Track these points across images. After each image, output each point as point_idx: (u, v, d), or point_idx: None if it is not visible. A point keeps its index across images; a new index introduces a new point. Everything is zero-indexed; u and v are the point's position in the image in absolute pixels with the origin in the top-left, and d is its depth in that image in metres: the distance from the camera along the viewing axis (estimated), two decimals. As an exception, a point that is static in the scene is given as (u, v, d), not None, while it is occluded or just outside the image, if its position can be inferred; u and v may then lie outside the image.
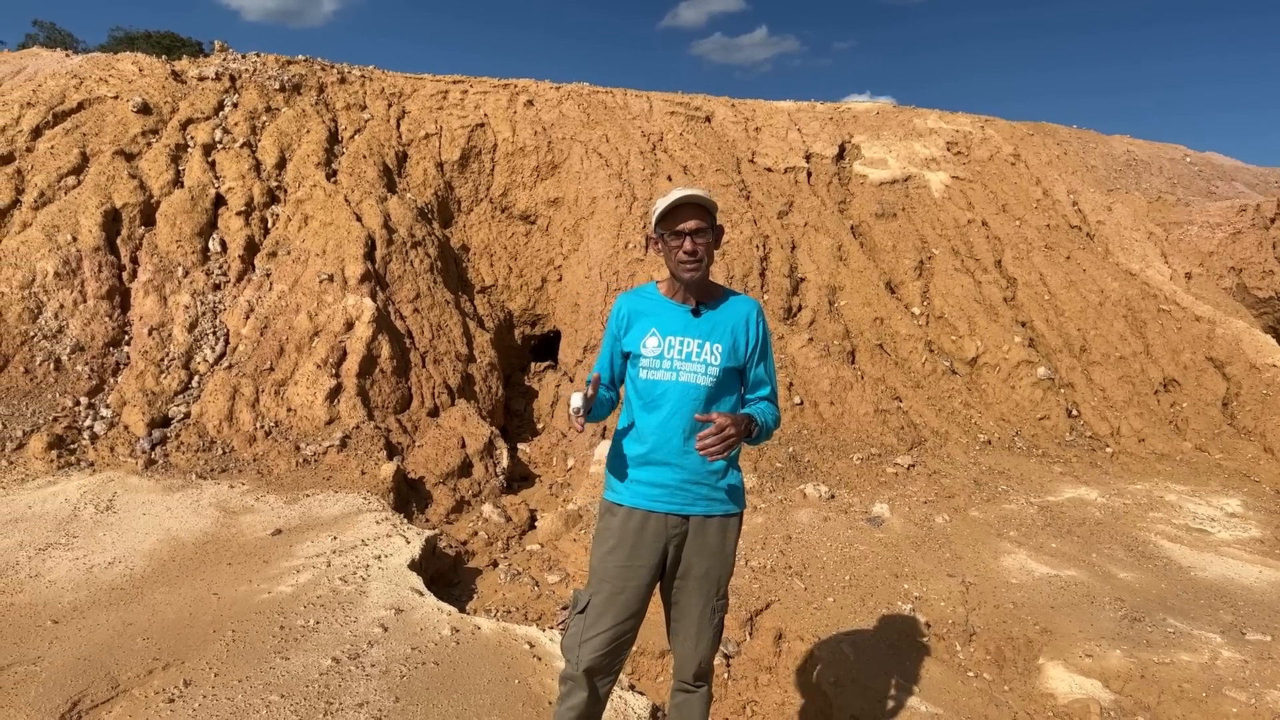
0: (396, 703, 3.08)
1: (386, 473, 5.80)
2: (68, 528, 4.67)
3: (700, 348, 2.33)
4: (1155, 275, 9.86)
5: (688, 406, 2.30)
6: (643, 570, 2.32)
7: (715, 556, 2.38)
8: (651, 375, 2.34)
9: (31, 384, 6.22)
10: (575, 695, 2.35)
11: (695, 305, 2.38)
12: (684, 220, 2.26)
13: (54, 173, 7.60)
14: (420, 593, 4.08)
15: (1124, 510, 6.24)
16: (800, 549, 5.26)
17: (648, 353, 2.34)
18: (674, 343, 2.33)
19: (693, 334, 2.34)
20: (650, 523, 2.32)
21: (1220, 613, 4.66)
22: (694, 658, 2.42)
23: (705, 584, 2.39)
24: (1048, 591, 4.80)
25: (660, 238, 2.31)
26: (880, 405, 7.32)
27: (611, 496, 2.40)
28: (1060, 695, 3.87)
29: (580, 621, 2.33)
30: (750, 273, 8.56)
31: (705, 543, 2.37)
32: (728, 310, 2.41)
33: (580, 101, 10.90)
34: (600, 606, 2.30)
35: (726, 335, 2.37)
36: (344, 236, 7.66)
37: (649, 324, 2.37)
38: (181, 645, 3.43)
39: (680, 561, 2.38)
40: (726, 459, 2.28)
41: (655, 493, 2.33)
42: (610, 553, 2.32)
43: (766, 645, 4.35)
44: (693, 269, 2.29)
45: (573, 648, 2.33)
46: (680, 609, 2.41)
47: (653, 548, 2.32)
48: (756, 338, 2.43)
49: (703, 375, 2.32)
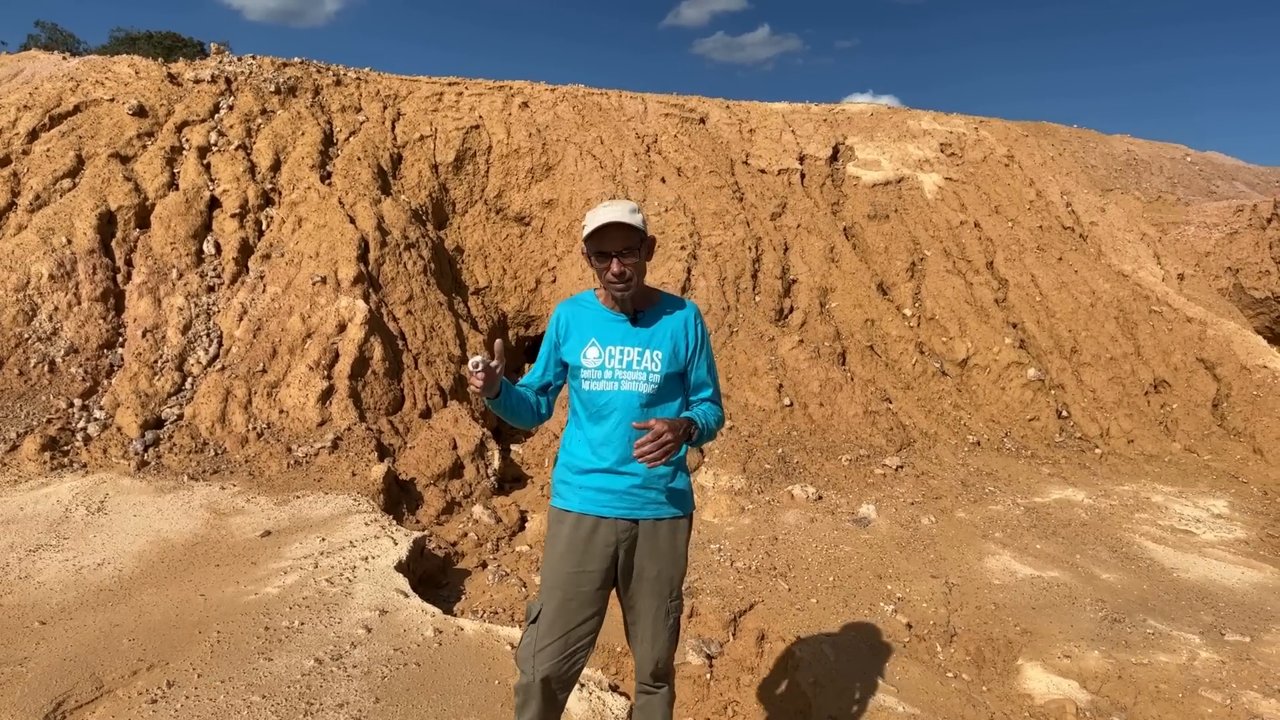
0: (377, 703, 3.12)
1: (377, 474, 5.84)
2: (59, 529, 4.72)
3: (640, 356, 2.35)
4: (1147, 276, 9.89)
5: (633, 414, 2.33)
6: (593, 575, 2.34)
7: (667, 559, 2.41)
8: (594, 386, 2.36)
9: (25, 386, 6.27)
10: (530, 707, 2.36)
11: (633, 314, 2.39)
12: (610, 242, 2.25)
13: (49, 175, 7.65)
14: (405, 594, 4.12)
15: (1110, 511, 6.27)
16: (786, 550, 5.30)
17: (589, 364, 2.36)
18: (614, 352, 2.35)
19: (632, 343, 2.36)
20: (600, 528, 2.35)
21: (1201, 614, 4.69)
22: (651, 659, 2.46)
23: (658, 586, 2.41)
24: (1030, 593, 4.84)
25: (589, 255, 2.31)
26: (870, 406, 7.35)
27: (560, 503, 2.41)
28: (1037, 696, 3.91)
29: (533, 631, 2.34)
30: (742, 274, 8.60)
31: (656, 546, 2.40)
32: (666, 316, 2.42)
33: (575, 103, 10.94)
34: (552, 615, 2.32)
35: (666, 341, 2.39)
36: (337, 239, 7.70)
37: (588, 334, 2.39)
38: (167, 646, 3.47)
39: (632, 566, 2.40)
40: (669, 464, 2.31)
41: (604, 498, 2.35)
42: (560, 560, 2.34)
43: (749, 646, 4.39)
44: (621, 289, 2.30)
45: (527, 658, 2.34)
46: (635, 612, 2.44)
47: (602, 553, 2.35)
48: (696, 340, 2.45)
49: (644, 383, 2.35)
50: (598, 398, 2.36)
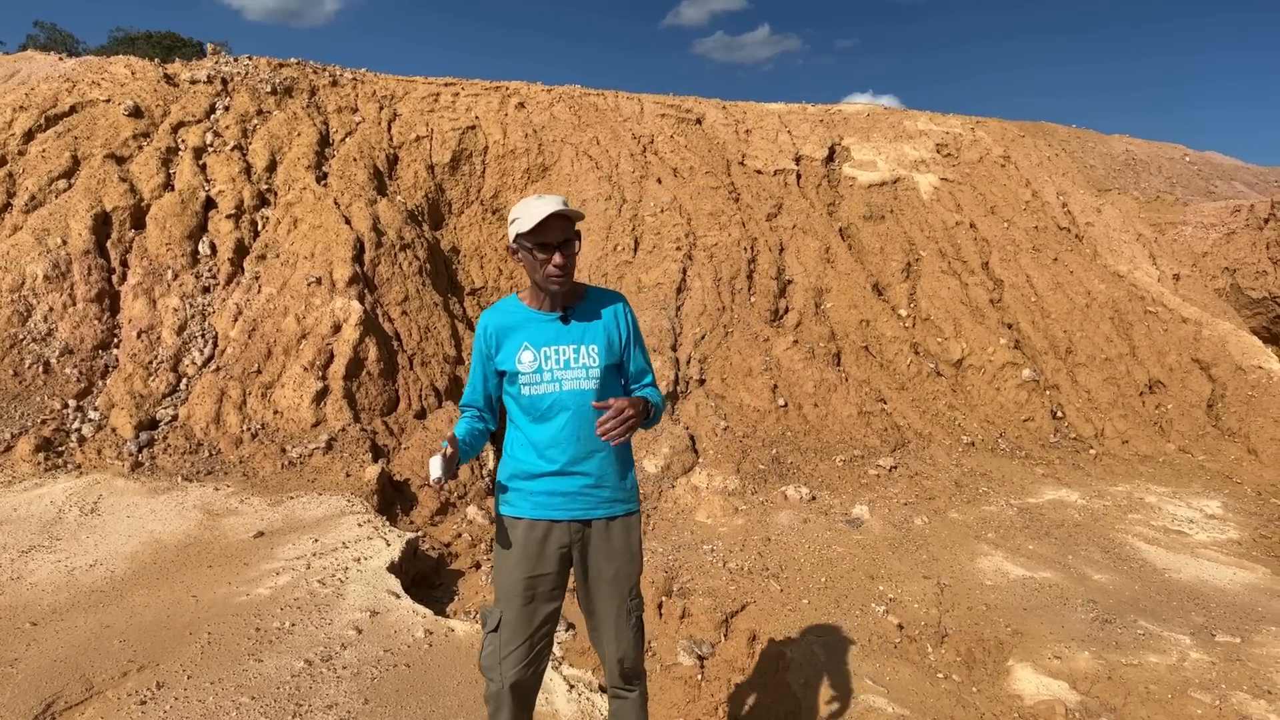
0: (365, 704, 3.13)
1: (371, 475, 5.85)
2: (52, 530, 4.73)
3: (577, 353, 2.34)
4: (1143, 277, 9.90)
5: (580, 414, 2.32)
6: (549, 578, 2.34)
7: (623, 557, 2.41)
8: (535, 390, 2.33)
9: (20, 386, 6.27)
10: (502, 713, 2.37)
11: (564, 313, 2.37)
12: (552, 234, 2.23)
13: (45, 176, 7.66)
14: (397, 595, 4.13)
15: (1103, 512, 6.28)
16: (778, 551, 5.31)
17: (525, 368, 2.32)
18: (549, 353, 2.33)
19: (565, 341, 2.34)
20: (552, 532, 2.34)
21: (1192, 614, 4.70)
22: (616, 659, 2.45)
23: (616, 585, 2.41)
24: (1021, 593, 4.85)
25: (526, 249, 2.26)
26: (864, 407, 7.36)
27: (510, 511, 2.38)
28: (1027, 696, 3.91)
29: (495, 640, 2.34)
30: (738, 275, 8.60)
31: (611, 546, 2.40)
32: (596, 310, 2.42)
33: (571, 104, 10.94)
34: (514, 621, 2.32)
35: (600, 334, 2.38)
36: (332, 239, 7.71)
37: (520, 339, 2.34)
38: (157, 647, 3.48)
39: (588, 568, 2.40)
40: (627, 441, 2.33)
41: (556, 501, 2.34)
42: (515, 566, 2.32)
43: (740, 647, 4.40)
44: (560, 281, 2.27)
45: (493, 666, 2.34)
46: (597, 616, 2.44)
47: (556, 555, 2.34)
48: (627, 330, 2.45)
49: (585, 379, 2.33)
50: (540, 401, 2.32)
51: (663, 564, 5.05)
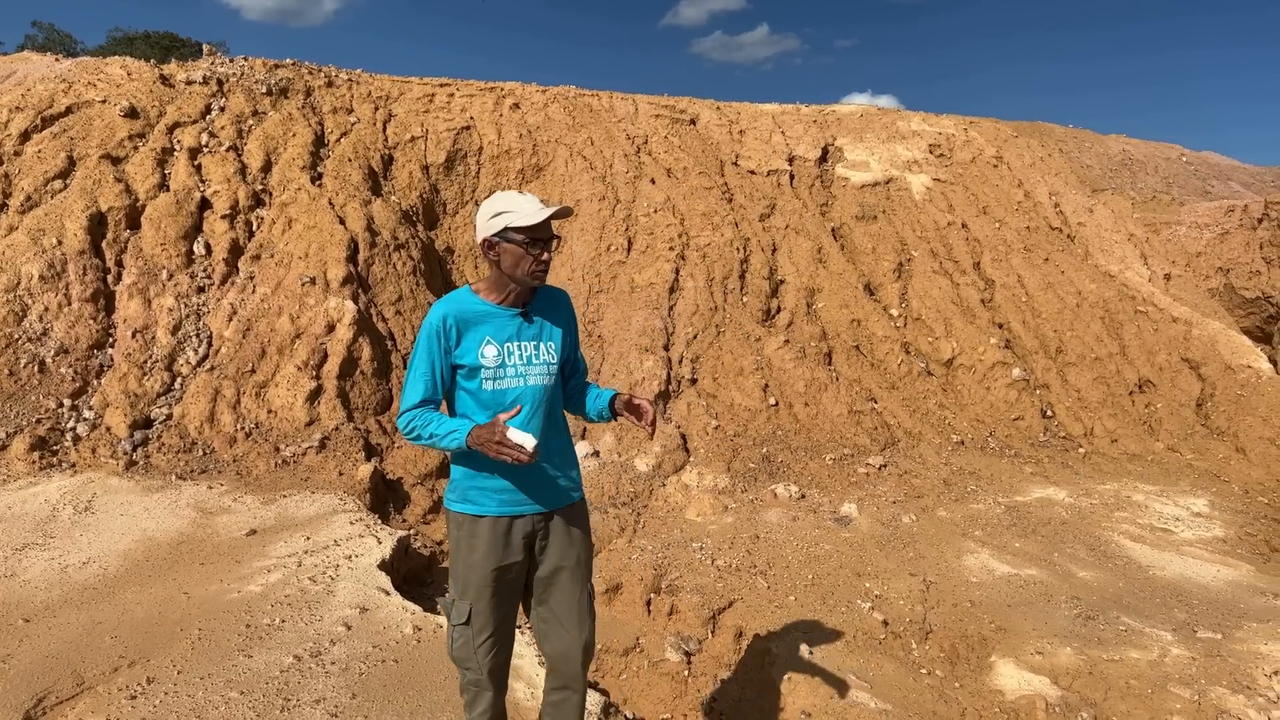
0: (353, 699, 3.18)
1: (364, 473, 5.89)
2: (46, 528, 4.77)
3: (537, 350, 2.39)
4: (1134, 277, 9.95)
5: (542, 409, 2.37)
6: (516, 567, 2.39)
7: (581, 543, 2.49)
8: (500, 385, 2.33)
9: (15, 386, 6.31)
10: (483, 698, 2.42)
11: (525, 309, 2.40)
12: (546, 229, 2.32)
13: (40, 176, 7.69)
14: (387, 592, 4.17)
15: (1090, 510, 6.34)
16: (767, 548, 5.36)
17: (488, 363, 2.31)
18: (512, 349, 2.35)
19: (527, 338, 2.38)
20: (515, 524, 2.37)
21: (1175, 611, 4.76)
22: (580, 645, 2.45)
23: (579, 572, 2.47)
24: (1006, 590, 4.90)
25: (513, 242, 2.29)
26: (855, 406, 7.42)
27: (473, 509, 2.36)
28: (1009, 691, 3.97)
29: (467, 632, 2.37)
30: (730, 275, 8.65)
31: (570, 534, 2.45)
32: (552, 307, 2.48)
33: (566, 104, 10.99)
34: (485, 613, 2.36)
35: (558, 333, 2.46)
36: (327, 239, 7.75)
37: (482, 333, 2.33)
38: (148, 643, 3.53)
39: (547, 560, 2.43)
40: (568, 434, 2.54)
41: (519, 496, 2.36)
42: (484, 560, 2.34)
43: (727, 643, 4.45)
44: (542, 277, 2.35)
45: (468, 656, 2.38)
46: (561, 605, 2.45)
47: (520, 545, 2.38)
48: (575, 326, 2.58)
49: (545, 376, 2.39)
50: (504, 395, 2.33)
51: (652, 561, 5.09)
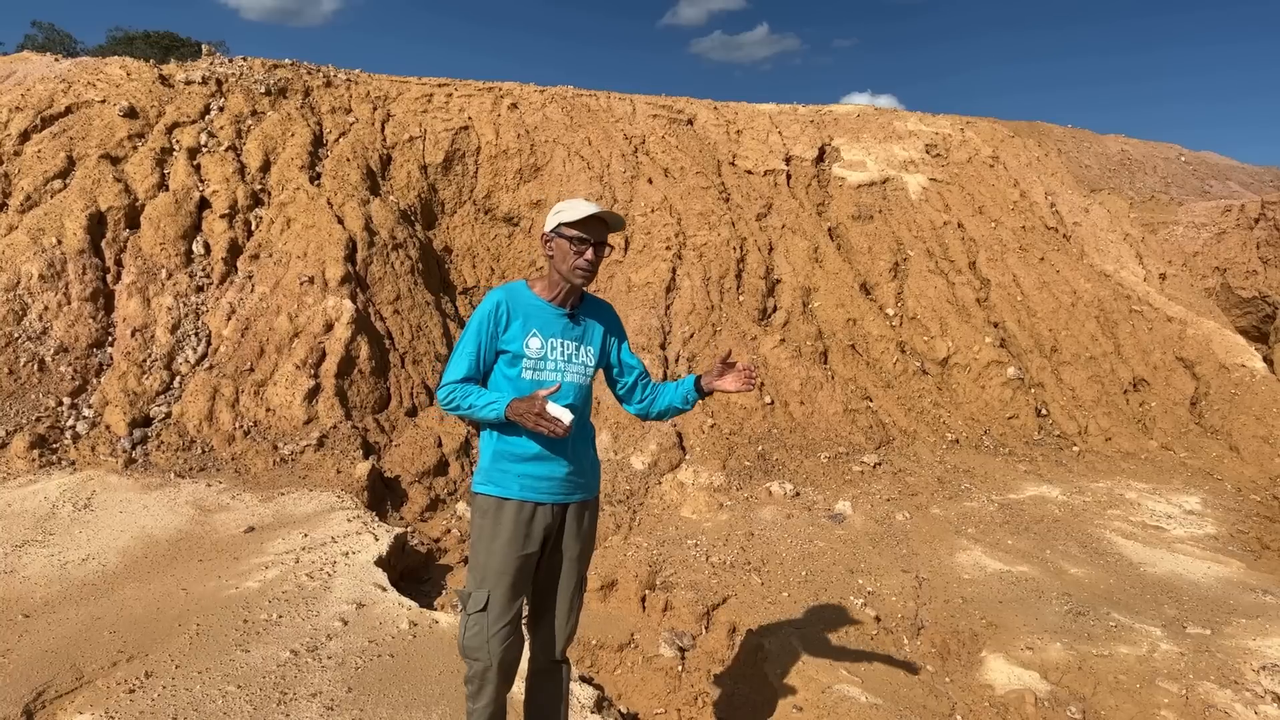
0: (349, 693, 3.22)
1: (361, 471, 5.94)
2: (45, 525, 4.81)
3: (578, 350, 2.53)
4: (1129, 276, 9.99)
5: (576, 405, 2.48)
6: (533, 558, 2.49)
7: (586, 539, 2.61)
8: (538, 376, 2.45)
9: (15, 384, 6.35)
10: (488, 689, 2.46)
11: (572, 310, 2.53)
12: (594, 231, 2.41)
13: (40, 176, 7.73)
14: (383, 588, 4.22)
15: (1083, 508, 6.38)
16: (761, 545, 5.40)
17: (532, 353, 2.44)
18: (555, 344, 2.48)
19: (570, 337, 2.52)
20: (537, 513, 2.46)
21: (1164, 607, 4.80)
22: (565, 632, 2.61)
23: (579, 564, 2.60)
24: (998, 587, 4.94)
25: (564, 239, 2.41)
26: (850, 405, 7.46)
27: (497, 491, 2.45)
28: (998, 686, 4.01)
29: (483, 619, 2.41)
30: (727, 274, 8.69)
31: (580, 528, 2.57)
32: (596, 315, 2.62)
33: (564, 104, 11.02)
34: (502, 601, 2.42)
35: (597, 339, 2.59)
36: (325, 239, 7.79)
37: (530, 325, 2.46)
38: (147, 639, 3.57)
39: (559, 548, 2.56)
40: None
41: (545, 485, 2.46)
42: (506, 546, 2.43)
43: (721, 639, 4.50)
44: (586, 277, 2.46)
45: (480, 645, 2.42)
46: (557, 592, 2.58)
47: (539, 536, 2.48)
48: (621, 333, 2.71)
49: (582, 375, 2.53)
50: (542, 387, 2.42)
51: (647, 558, 5.13)
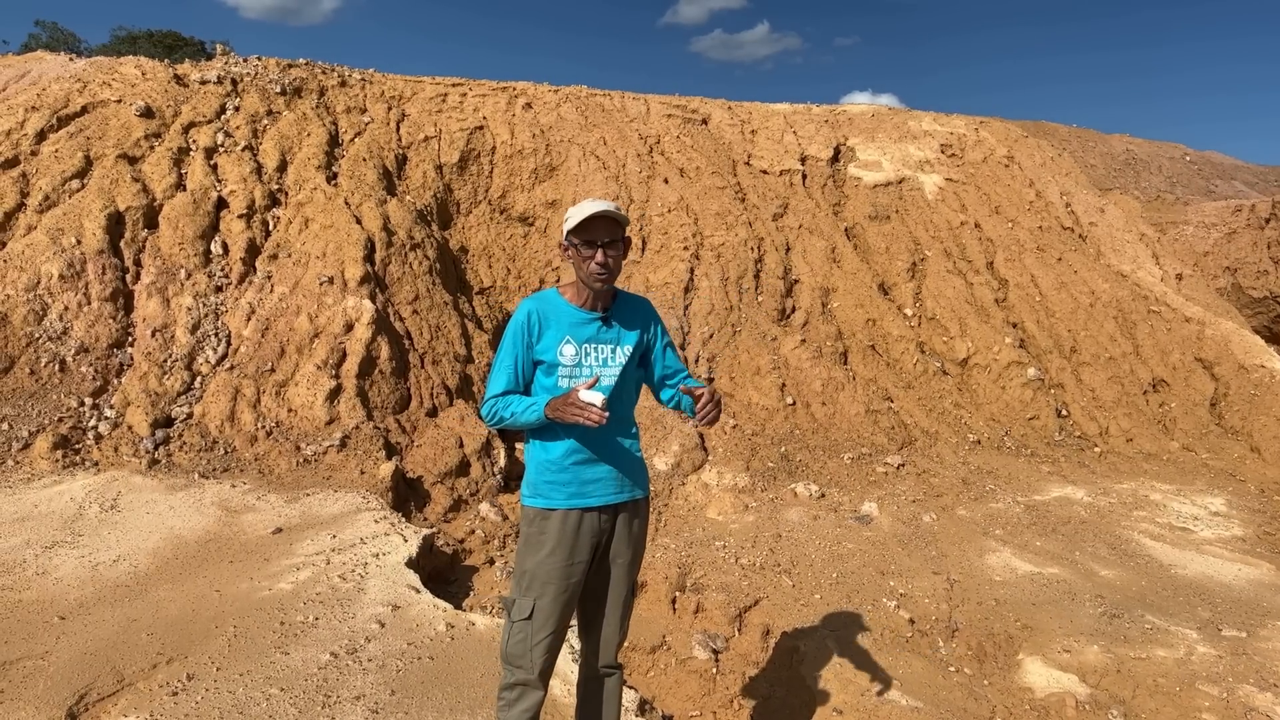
0: (392, 696, 3.20)
1: (385, 472, 5.91)
2: (73, 526, 4.79)
3: (614, 352, 2.49)
4: (1146, 276, 9.96)
5: (612, 406, 2.41)
6: (581, 567, 2.45)
7: (638, 543, 2.59)
8: (575, 383, 2.42)
9: (36, 385, 6.33)
10: (529, 697, 2.45)
11: (604, 313, 2.50)
12: (597, 232, 2.36)
13: (58, 176, 7.71)
14: (417, 590, 4.19)
15: (1109, 509, 6.35)
16: (790, 547, 5.38)
17: (566, 360, 2.43)
18: (589, 349, 2.46)
19: (604, 340, 2.49)
20: (585, 521, 2.44)
21: (1198, 609, 4.77)
22: (615, 639, 2.59)
23: (630, 569, 2.57)
24: (1030, 589, 4.92)
25: (573, 246, 2.39)
26: (871, 405, 7.43)
27: (543, 503, 2.45)
28: (1038, 689, 3.98)
29: (527, 628, 2.40)
30: (745, 274, 8.67)
31: (630, 532, 2.55)
32: (631, 314, 2.57)
33: (578, 104, 11.00)
34: (547, 609, 2.40)
35: (633, 337, 2.54)
36: (344, 239, 7.77)
37: (561, 332, 2.44)
38: (184, 640, 3.55)
39: (609, 554, 2.53)
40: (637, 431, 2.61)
41: (590, 487, 2.44)
42: (550, 555, 2.40)
43: (754, 641, 4.47)
44: (603, 279, 2.40)
45: (523, 654, 2.41)
46: (607, 599, 2.55)
47: (588, 544, 2.45)
48: (663, 334, 2.65)
49: (617, 377, 2.50)
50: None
51: (675, 560, 5.11)
